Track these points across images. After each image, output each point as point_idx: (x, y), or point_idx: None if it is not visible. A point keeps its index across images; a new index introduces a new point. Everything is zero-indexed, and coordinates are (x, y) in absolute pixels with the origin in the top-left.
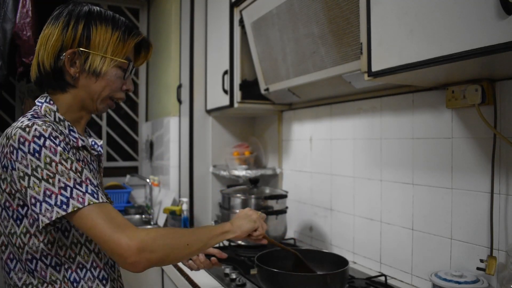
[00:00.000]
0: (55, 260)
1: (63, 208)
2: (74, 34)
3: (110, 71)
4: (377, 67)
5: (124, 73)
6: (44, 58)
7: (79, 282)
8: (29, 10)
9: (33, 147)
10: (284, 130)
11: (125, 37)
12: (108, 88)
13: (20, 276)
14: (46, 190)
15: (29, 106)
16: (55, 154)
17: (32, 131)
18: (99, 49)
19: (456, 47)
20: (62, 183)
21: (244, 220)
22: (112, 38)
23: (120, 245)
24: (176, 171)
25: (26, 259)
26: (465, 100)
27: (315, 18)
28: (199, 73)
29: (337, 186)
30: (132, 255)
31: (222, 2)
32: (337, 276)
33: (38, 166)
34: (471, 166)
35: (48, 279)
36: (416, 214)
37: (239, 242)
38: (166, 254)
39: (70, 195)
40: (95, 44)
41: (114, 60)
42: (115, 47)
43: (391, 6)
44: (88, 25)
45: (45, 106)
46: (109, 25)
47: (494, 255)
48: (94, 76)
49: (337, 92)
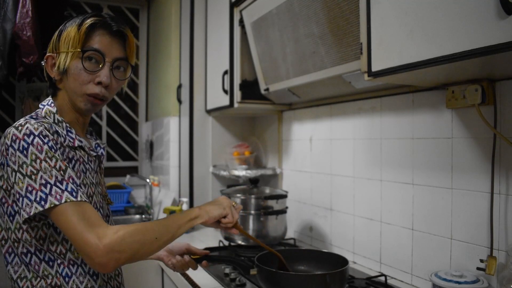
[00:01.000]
0: (49, 256)
1: (41, 204)
2: (52, 40)
3: (71, 65)
4: (377, 67)
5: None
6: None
7: (71, 277)
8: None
9: (22, 145)
10: (284, 130)
11: (78, 27)
12: (76, 83)
13: (16, 270)
14: (28, 186)
15: (29, 106)
16: (41, 152)
17: (24, 130)
18: (64, 48)
19: (456, 47)
20: (43, 179)
21: (214, 205)
22: (70, 33)
23: (88, 244)
24: (176, 171)
25: (21, 252)
26: (465, 100)
27: (315, 18)
28: (199, 73)
29: (337, 186)
30: (100, 255)
31: (222, 2)
32: (337, 276)
33: (24, 163)
34: (471, 166)
35: (41, 273)
36: (416, 214)
37: (239, 242)
38: (134, 251)
39: (49, 192)
40: (62, 44)
41: (71, 53)
42: (73, 41)
43: (391, 6)
44: (61, 30)
45: (46, 108)
46: (76, 23)
47: (494, 255)
48: (65, 75)
49: (337, 92)
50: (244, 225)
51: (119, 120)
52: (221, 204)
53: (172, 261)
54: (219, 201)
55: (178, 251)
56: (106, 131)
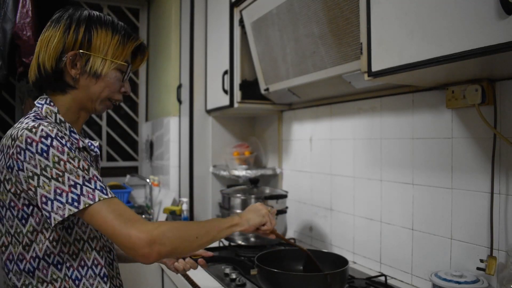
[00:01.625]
0: (57, 259)
1: (75, 205)
2: (75, 36)
3: (110, 73)
4: (377, 67)
5: (122, 76)
6: (45, 60)
7: (81, 280)
8: (29, 10)
9: (40, 147)
10: (284, 130)
11: (125, 41)
12: (107, 89)
13: (18, 277)
14: (56, 188)
15: (29, 106)
16: (62, 153)
17: (39, 132)
18: (99, 51)
19: (456, 47)
20: (71, 181)
21: (253, 214)
22: (112, 41)
23: (130, 238)
24: (176, 171)
25: (30, 257)
26: (465, 100)
27: (315, 18)
28: (199, 73)
29: (337, 186)
30: (143, 247)
31: (222, 2)
32: (337, 276)
33: (47, 166)
34: (471, 166)
35: (49, 278)
36: (416, 214)
37: (239, 242)
38: (175, 246)
39: (81, 192)
40: (96, 46)
41: (114, 63)
42: (115, 50)
43: (391, 6)
44: (89, 28)
45: (46, 108)
46: (109, 29)
47: (494, 255)
48: (94, 78)
49: (337, 92)
50: None
51: (119, 120)
52: (259, 211)
53: (175, 264)
54: (257, 209)
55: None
56: (106, 131)
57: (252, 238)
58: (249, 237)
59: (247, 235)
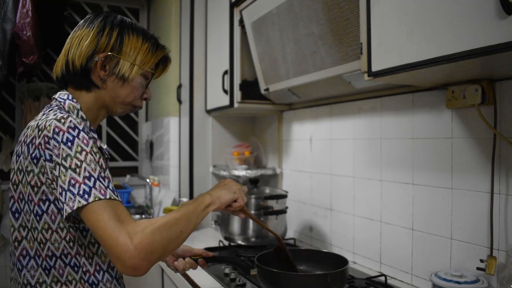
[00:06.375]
0: (74, 261)
1: (85, 197)
2: (108, 39)
3: (136, 78)
4: (377, 67)
5: (146, 82)
6: (75, 57)
7: (98, 284)
8: (29, 10)
9: (66, 137)
10: (284, 130)
11: (154, 49)
12: (132, 94)
13: (33, 274)
14: (71, 179)
15: (29, 106)
16: (87, 145)
17: (67, 123)
18: (129, 56)
19: (456, 47)
20: (87, 172)
21: (224, 190)
22: (142, 48)
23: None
24: (176, 171)
25: (46, 255)
26: (465, 100)
27: (315, 18)
28: (199, 73)
29: (337, 186)
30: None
31: (222, 2)
32: (337, 276)
33: (68, 155)
34: (471, 166)
35: (64, 278)
36: (416, 214)
37: (239, 242)
38: (164, 249)
39: (93, 185)
40: (126, 51)
41: (141, 69)
42: (144, 57)
43: (391, 6)
44: (121, 33)
45: (69, 103)
46: (140, 35)
47: (494, 255)
48: (121, 81)
49: (337, 92)
50: (245, 225)
51: (119, 120)
52: (230, 188)
53: (175, 263)
54: (227, 185)
55: (182, 254)
56: (106, 131)
57: (253, 238)
58: (249, 237)
59: (248, 235)
